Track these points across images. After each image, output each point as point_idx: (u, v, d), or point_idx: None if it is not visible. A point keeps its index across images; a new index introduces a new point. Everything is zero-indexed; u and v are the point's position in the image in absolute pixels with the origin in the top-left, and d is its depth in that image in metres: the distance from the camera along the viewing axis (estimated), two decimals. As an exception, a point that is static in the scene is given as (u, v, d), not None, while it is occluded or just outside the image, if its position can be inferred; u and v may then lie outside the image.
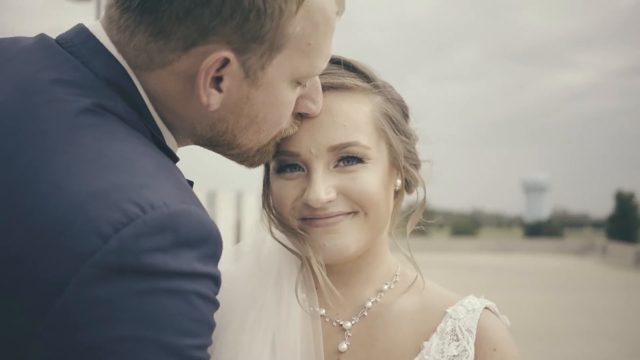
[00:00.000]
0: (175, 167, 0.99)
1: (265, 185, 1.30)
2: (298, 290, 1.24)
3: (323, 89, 1.19)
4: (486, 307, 1.27)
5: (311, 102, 1.17)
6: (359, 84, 1.24)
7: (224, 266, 1.07)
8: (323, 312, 1.27)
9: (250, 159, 1.17)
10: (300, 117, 1.20)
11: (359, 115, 1.21)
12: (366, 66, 1.28)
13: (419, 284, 1.30)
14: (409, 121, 1.31)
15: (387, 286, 1.30)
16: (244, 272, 1.29)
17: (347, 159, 1.20)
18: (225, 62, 0.96)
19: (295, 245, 1.24)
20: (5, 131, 0.88)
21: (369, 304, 1.28)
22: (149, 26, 0.95)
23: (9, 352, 0.81)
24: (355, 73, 1.26)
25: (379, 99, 1.25)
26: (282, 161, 1.22)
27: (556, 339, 11.85)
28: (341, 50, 1.26)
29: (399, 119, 1.27)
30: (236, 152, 1.13)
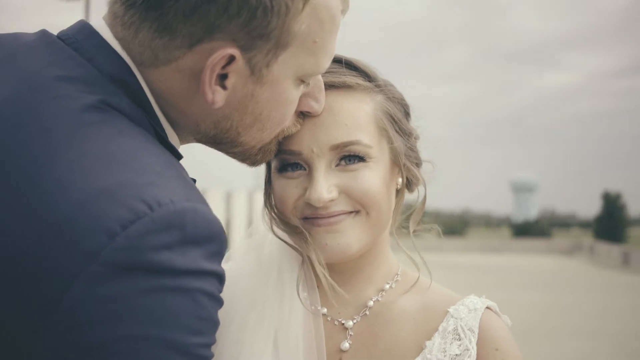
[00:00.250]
0: (179, 165, 0.99)
1: (267, 184, 1.29)
2: (299, 289, 1.23)
3: (324, 87, 1.19)
4: (487, 307, 1.27)
5: (314, 100, 1.17)
6: (360, 82, 1.23)
7: (226, 265, 1.06)
8: (325, 310, 1.27)
9: (252, 157, 1.16)
10: (303, 115, 1.19)
11: (360, 114, 1.21)
12: (367, 65, 1.28)
13: (420, 284, 1.30)
14: (410, 119, 1.31)
15: (389, 285, 1.30)
16: (244, 271, 1.29)
17: (348, 157, 1.20)
18: (231, 59, 0.96)
19: (297, 244, 1.24)
20: (9, 128, 0.87)
21: (370, 303, 1.28)
22: (154, 22, 0.94)
23: (14, 352, 0.80)
24: (356, 72, 1.25)
25: (380, 97, 1.25)
26: (284, 160, 1.22)
27: (545, 338, 11.92)
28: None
29: (400, 118, 1.27)
30: (239, 150, 1.13)
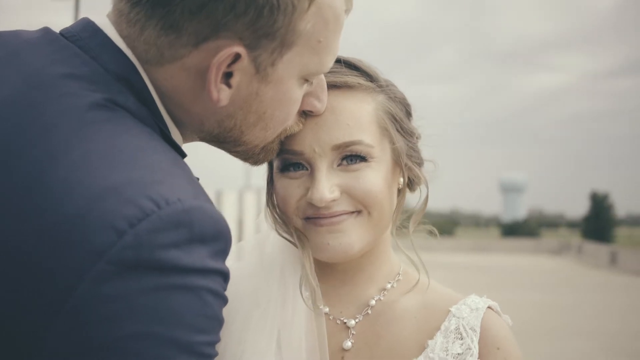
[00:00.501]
0: (184, 163, 0.98)
1: (269, 184, 1.29)
2: (302, 288, 1.23)
3: (327, 87, 1.19)
4: (489, 307, 1.28)
5: (316, 99, 1.17)
6: (362, 82, 1.23)
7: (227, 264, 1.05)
8: (327, 309, 1.27)
9: (255, 156, 1.16)
10: (305, 115, 1.19)
11: (362, 114, 1.21)
12: (369, 65, 1.28)
13: (421, 283, 1.31)
14: (411, 119, 1.31)
15: (390, 285, 1.31)
16: (247, 270, 1.29)
17: (350, 157, 1.20)
18: (237, 57, 0.95)
19: (293, 243, 1.24)
20: (15, 125, 0.86)
21: (372, 302, 1.28)
22: (160, 20, 0.94)
23: (19, 351, 0.79)
24: (358, 72, 1.25)
25: (382, 97, 1.25)
26: (286, 160, 1.22)
27: (533, 337, 11.98)
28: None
29: (401, 117, 1.27)
30: (242, 149, 1.12)
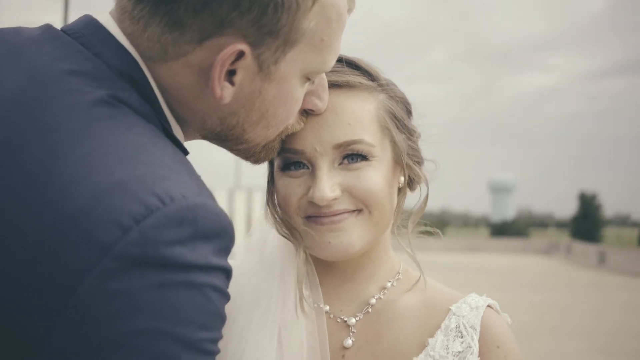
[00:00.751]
0: (187, 160, 0.98)
1: (270, 183, 1.29)
2: (302, 287, 1.23)
3: (328, 86, 1.19)
4: (489, 305, 1.28)
5: (317, 98, 1.17)
6: (363, 82, 1.23)
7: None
8: (327, 308, 1.27)
9: (256, 154, 1.16)
10: (306, 114, 1.19)
11: (363, 113, 1.21)
12: (369, 64, 1.28)
13: (420, 282, 1.31)
14: (412, 118, 1.31)
15: (390, 283, 1.31)
16: (247, 269, 1.28)
17: (351, 156, 1.20)
18: (240, 55, 0.95)
19: (293, 242, 1.24)
20: (18, 122, 0.85)
21: (372, 300, 1.28)
22: (164, 17, 0.93)
23: (24, 350, 0.78)
24: (359, 71, 1.25)
25: (383, 96, 1.25)
26: (287, 159, 1.22)
27: (522, 336, 12.04)
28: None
29: (402, 116, 1.27)
30: (243, 147, 1.12)
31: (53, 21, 1.07)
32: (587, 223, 73.45)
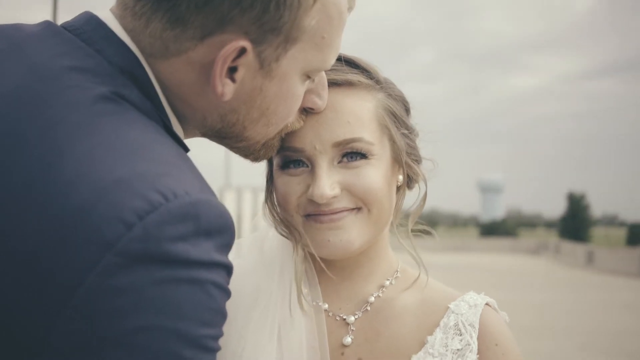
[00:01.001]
0: (188, 157, 0.98)
1: (269, 181, 1.29)
2: (301, 285, 1.23)
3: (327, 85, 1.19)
4: (487, 303, 1.29)
5: (317, 97, 1.17)
6: (362, 80, 1.24)
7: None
8: (326, 306, 1.27)
9: (255, 152, 1.16)
10: (305, 112, 1.19)
11: (362, 111, 1.21)
12: (368, 63, 1.28)
13: (420, 281, 1.31)
14: (410, 117, 1.32)
15: (389, 282, 1.31)
16: (247, 267, 1.28)
17: (350, 154, 1.20)
18: (241, 52, 0.95)
19: (291, 241, 1.24)
20: (20, 118, 0.85)
21: (371, 299, 1.28)
22: (165, 13, 0.93)
23: (24, 349, 0.78)
24: (358, 69, 1.25)
25: (382, 95, 1.25)
26: (286, 157, 1.22)
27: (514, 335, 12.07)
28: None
29: (401, 115, 1.27)
30: (243, 145, 1.12)
31: (40, 19, 1.06)
32: (575, 223, 73.92)
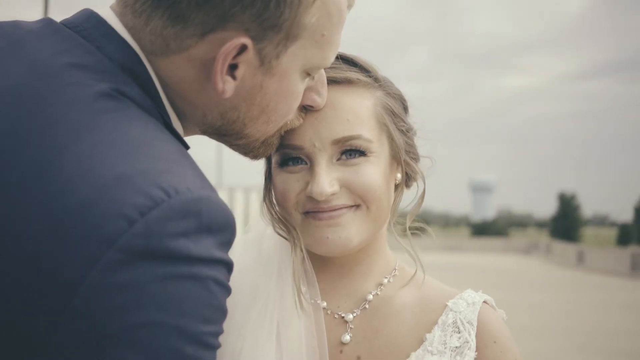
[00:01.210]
0: (189, 154, 0.98)
1: (267, 179, 1.29)
2: (300, 283, 1.23)
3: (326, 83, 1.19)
4: (484, 301, 1.29)
5: (317, 94, 1.17)
6: (361, 78, 1.24)
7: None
8: (324, 304, 1.27)
9: (255, 150, 1.16)
10: (305, 110, 1.19)
11: (361, 109, 1.21)
12: (366, 61, 1.28)
13: (416, 278, 1.32)
14: (408, 115, 1.32)
15: (387, 280, 1.31)
16: (245, 265, 1.28)
17: (350, 152, 1.20)
18: (242, 49, 0.95)
19: (289, 240, 1.25)
20: (21, 115, 0.84)
21: (370, 296, 1.28)
22: (166, 11, 0.93)
23: (28, 346, 0.77)
24: (356, 67, 1.26)
25: (380, 93, 1.26)
26: (285, 155, 1.22)
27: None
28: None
29: (399, 113, 1.28)
30: (243, 143, 1.12)
31: (32, 18, 1.06)
32: (566, 223, 74.29)
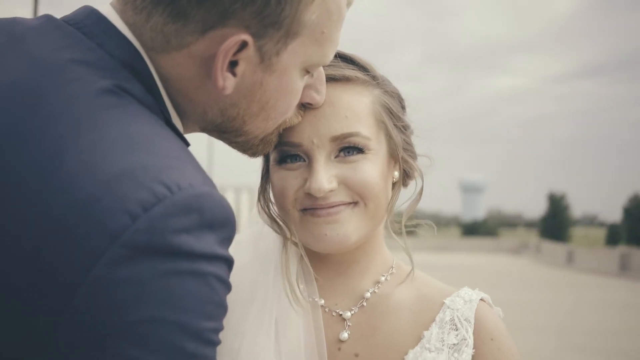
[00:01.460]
0: (189, 151, 0.98)
1: (264, 177, 1.29)
2: (298, 281, 1.24)
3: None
4: (481, 299, 1.30)
5: (316, 92, 1.17)
6: (359, 76, 1.24)
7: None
8: (322, 302, 1.28)
9: (254, 147, 1.16)
10: (303, 107, 1.19)
11: (360, 106, 1.22)
12: (364, 59, 1.29)
13: (414, 275, 1.32)
14: (405, 113, 1.33)
15: (384, 277, 1.32)
16: (243, 263, 1.28)
17: (348, 149, 1.20)
18: (242, 46, 0.95)
19: (283, 237, 1.25)
20: (22, 111, 0.84)
21: (367, 294, 1.29)
22: (167, 7, 0.93)
23: (30, 342, 0.77)
24: (354, 65, 1.26)
25: (378, 91, 1.26)
26: (284, 152, 1.22)
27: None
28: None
29: (397, 111, 1.28)
30: (242, 140, 1.12)
31: (22, 16, 1.05)
32: (555, 223, 74.66)
